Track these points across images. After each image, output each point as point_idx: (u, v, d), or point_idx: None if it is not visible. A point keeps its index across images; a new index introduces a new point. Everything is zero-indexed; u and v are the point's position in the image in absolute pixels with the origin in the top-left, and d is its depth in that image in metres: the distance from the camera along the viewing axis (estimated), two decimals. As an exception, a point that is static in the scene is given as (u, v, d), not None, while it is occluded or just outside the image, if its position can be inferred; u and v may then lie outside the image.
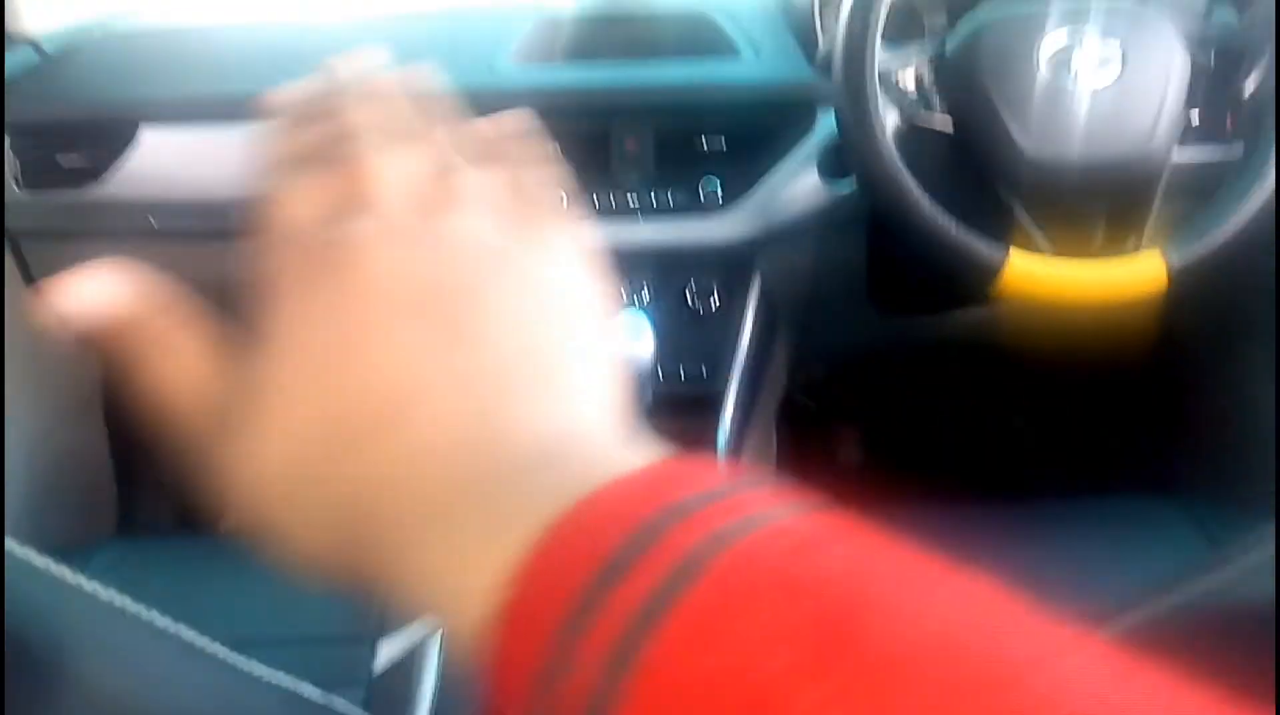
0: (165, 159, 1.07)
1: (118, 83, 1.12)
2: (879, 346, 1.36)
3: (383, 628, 0.88)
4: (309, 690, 0.58)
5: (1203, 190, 0.87)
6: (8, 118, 1.07)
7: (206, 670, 0.48)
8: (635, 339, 0.81)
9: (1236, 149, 0.88)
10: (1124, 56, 0.83)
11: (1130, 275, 0.83)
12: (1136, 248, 0.85)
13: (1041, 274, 0.82)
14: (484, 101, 1.05)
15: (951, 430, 1.70)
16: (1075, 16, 0.84)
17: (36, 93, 1.11)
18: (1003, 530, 0.99)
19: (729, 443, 1.07)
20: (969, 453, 1.67)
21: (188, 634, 0.48)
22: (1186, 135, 0.96)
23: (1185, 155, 0.93)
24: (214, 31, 1.22)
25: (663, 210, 1.06)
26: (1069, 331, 1.00)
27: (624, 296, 1.10)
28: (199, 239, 1.11)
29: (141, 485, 1.45)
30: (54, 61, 1.16)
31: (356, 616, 0.89)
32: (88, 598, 0.42)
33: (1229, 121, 0.90)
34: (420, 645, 0.86)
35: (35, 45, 1.18)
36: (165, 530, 1.47)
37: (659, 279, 1.11)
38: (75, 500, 1.31)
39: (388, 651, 0.86)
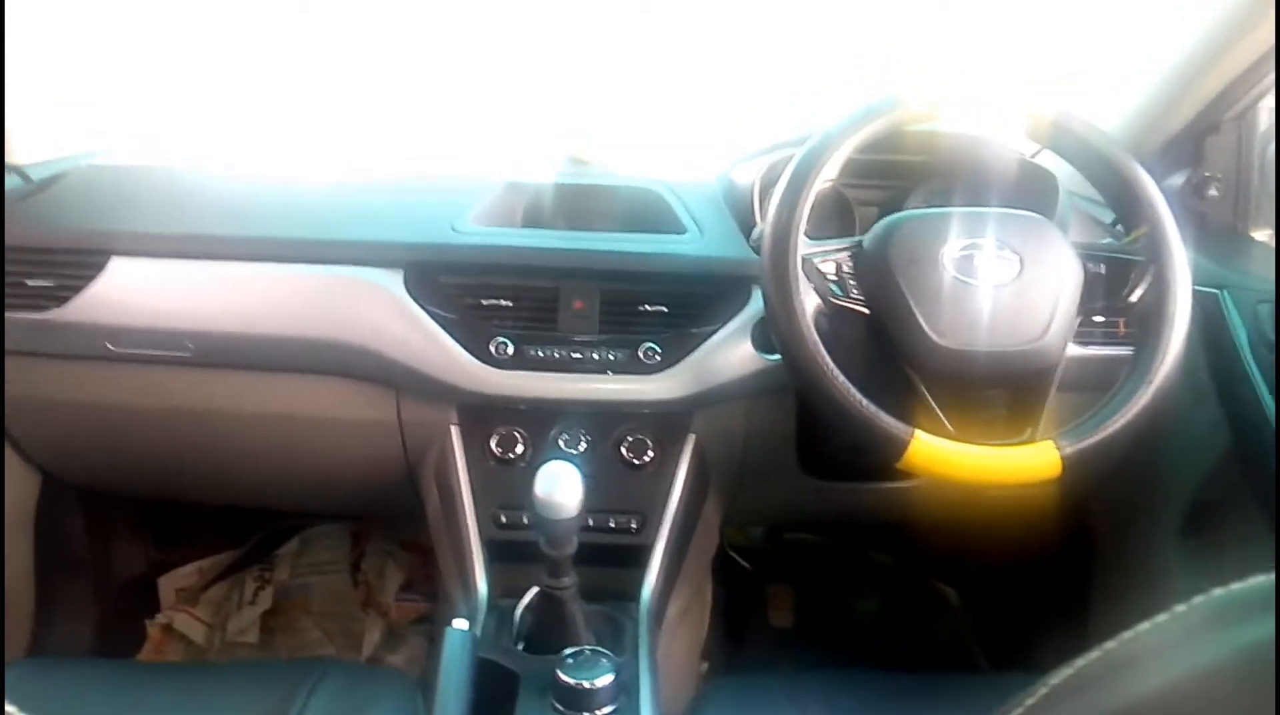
0: (129, 288, 1.12)
1: (94, 214, 1.18)
2: (809, 510, 1.40)
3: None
4: None
5: (1100, 382, 0.95)
6: None
7: None
8: (565, 488, 0.85)
9: (1127, 350, 0.96)
10: (1021, 260, 0.92)
11: (1025, 461, 0.88)
12: (1033, 435, 0.91)
13: (941, 454, 0.88)
14: (444, 256, 1.13)
15: (883, 600, 1.73)
16: (977, 222, 0.93)
17: (15, 217, 1.16)
18: (907, 702, 1.00)
19: (653, 595, 1.09)
20: (897, 619, 1.69)
21: None
22: (1085, 335, 1.04)
23: (1083, 352, 1.01)
24: (190, 174, 1.29)
25: (604, 367, 1.12)
26: (979, 509, 1.05)
27: (560, 446, 1.14)
28: (154, 365, 1.15)
29: (63, 605, 1.42)
30: (36, 189, 1.22)
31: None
32: None
33: (1121, 326, 0.99)
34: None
35: (21, 173, 1.24)
36: (79, 654, 1.42)
37: (596, 431, 1.15)
38: None
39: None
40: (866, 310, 0.94)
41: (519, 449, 1.14)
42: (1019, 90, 0.98)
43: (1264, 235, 1.22)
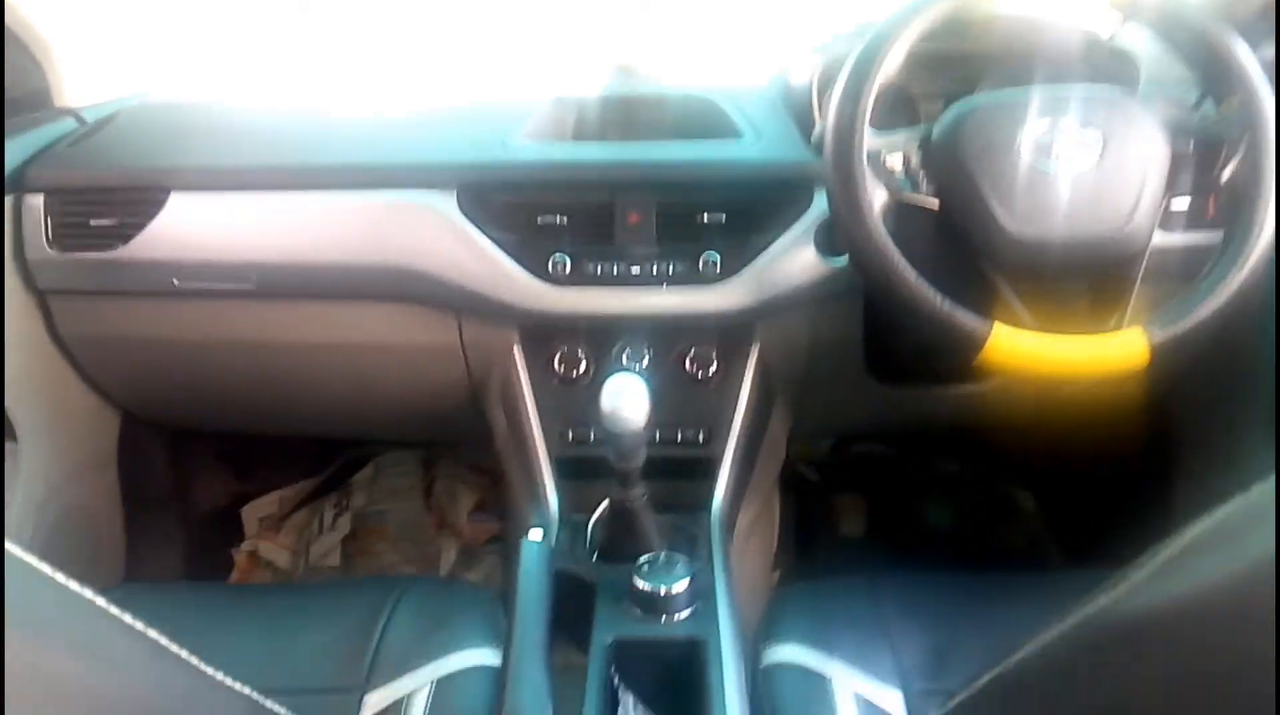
0: (190, 223, 1.12)
1: (151, 151, 1.18)
2: (877, 419, 1.38)
3: (370, 680, 0.89)
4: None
5: (1186, 272, 0.90)
6: (45, 183, 1.14)
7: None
8: (632, 399, 0.84)
9: (1217, 234, 0.91)
10: (1104, 143, 0.87)
11: (1112, 350, 0.85)
12: (1119, 325, 0.87)
13: (1024, 347, 0.84)
14: (496, 175, 1.11)
15: (955, 508, 1.71)
16: (1056, 105, 0.88)
17: (73, 159, 1.17)
18: (993, 602, 0.99)
19: (723, 506, 1.09)
20: (970, 525, 1.67)
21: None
22: (1171, 220, 0.99)
23: (1168, 239, 0.96)
24: (241, 108, 1.29)
25: (664, 280, 1.10)
26: (1054, 409, 1.01)
27: (623, 363, 1.13)
28: (219, 299, 1.16)
29: (151, 538, 1.48)
30: (92, 130, 1.23)
31: (346, 670, 0.90)
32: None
33: (1210, 207, 0.93)
34: (403, 699, 0.87)
35: (76, 115, 1.25)
36: (171, 581, 1.49)
37: (659, 346, 1.14)
38: (80, 554, 1.33)
39: (373, 704, 0.87)
40: (937, 203, 0.90)
41: (582, 367, 1.14)
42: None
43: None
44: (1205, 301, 0.85)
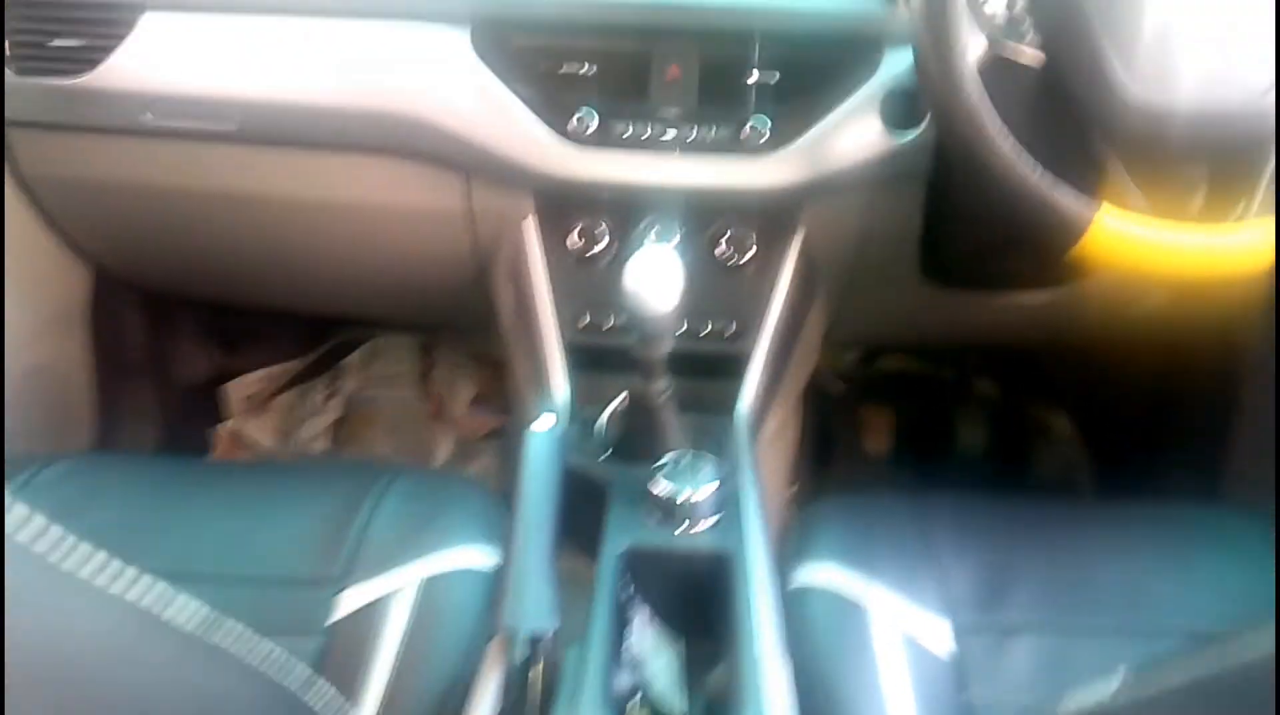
0: (165, 48, 0.98)
1: None
2: (923, 326, 1.25)
3: (349, 575, 0.79)
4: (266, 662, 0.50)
5: None
6: None
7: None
8: (662, 278, 0.71)
9: None
10: (1244, 2, 0.72)
11: (1237, 245, 0.72)
12: (1245, 215, 0.74)
13: (1134, 236, 0.71)
14: (517, 11, 0.94)
15: (987, 429, 1.60)
16: None
17: None
18: (1047, 532, 0.89)
19: (753, 407, 0.98)
20: (1002, 447, 1.56)
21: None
22: None
23: None
24: None
25: (702, 147, 0.96)
26: (1120, 327, 0.89)
27: (652, 238, 1.00)
28: (196, 140, 1.03)
29: (124, 407, 1.37)
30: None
31: (322, 561, 0.80)
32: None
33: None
34: (385, 598, 0.77)
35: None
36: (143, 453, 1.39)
37: (691, 223, 1.01)
38: (46, 418, 1.23)
39: (350, 601, 0.77)
40: (1041, 59, 0.75)
41: (603, 243, 1.01)
42: None
43: None
44: None
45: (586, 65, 0.96)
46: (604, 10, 0.96)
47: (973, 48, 0.74)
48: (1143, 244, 0.71)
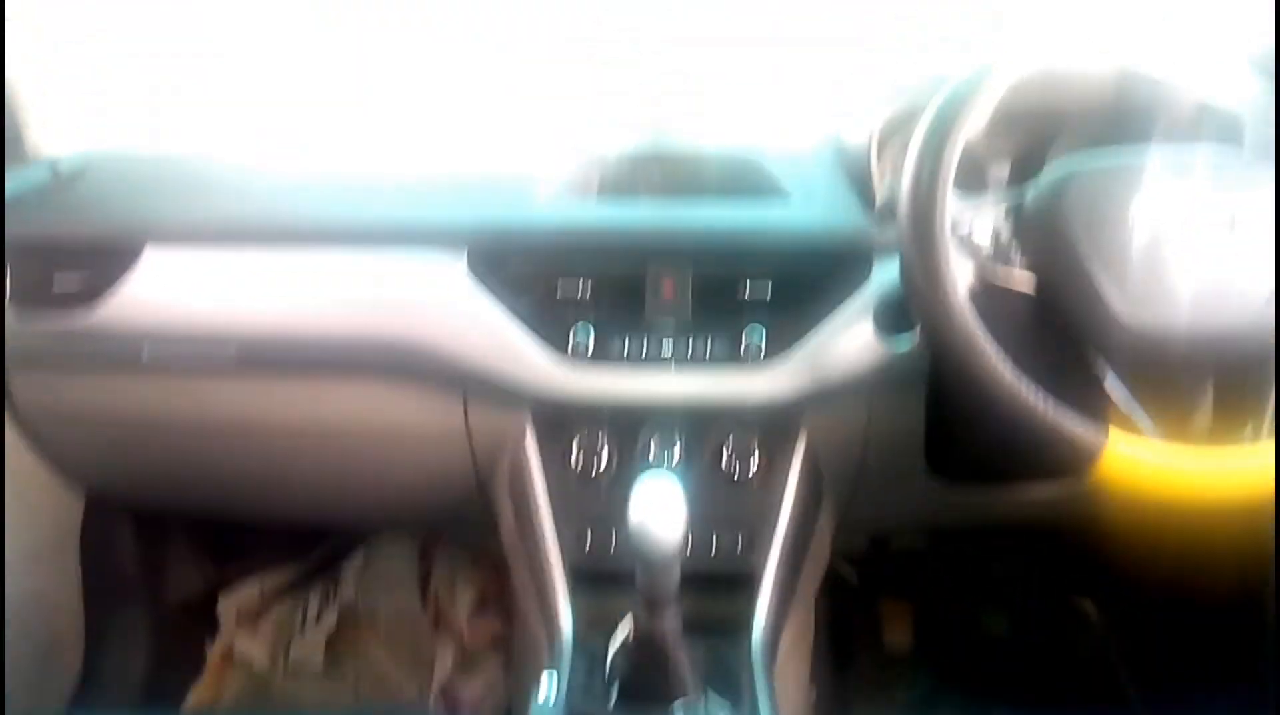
0: (166, 284, 0.99)
1: (126, 203, 1.06)
2: (936, 518, 1.22)
3: None
4: None
5: None
6: (9, 236, 1.01)
7: None
8: (663, 506, 0.69)
9: None
10: (1235, 216, 0.73)
11: (1251, 467, 0.69)
12: (1256, 435, 0.72)
13: (1147, 462, 0.69)
14: (513, 235, 0.96)
15: (1013, 617, 1.53)
16: (1178, 170, 0.74)
17: (42, 210, 1.05)
18: None
19: (766, 628, 0.93)
20: (1032, 644, 1.49)
21: None
22: None
23: None
24: (227, 160, 1.16)
25: (700, 361, 0.96)
26: (1150, 515, 0.85)
27: (653, 456, 0.98)
28: (196, 374, 1.03)
29: (114, 633, 1.32)
30: (65, 180, 1.11)
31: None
32: None
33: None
34: None
35: (51, 164, 1.13)
36: (130, 693, 1.32)
37: (693, 438, 0.99)
38: (36, 647, 1.18)
39: None
40: (1033, 284, 0.75)
41: (604, 459, 0.99)
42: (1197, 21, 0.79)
43: None
44: None
45: (582, 286, 0.97)
46: (599, 234, 0.98)
47: (963, 276, 0.74)
48: (1156, 469, 0.69)
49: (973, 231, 0.76)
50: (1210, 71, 0.83)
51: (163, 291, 0.99)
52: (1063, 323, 0.74)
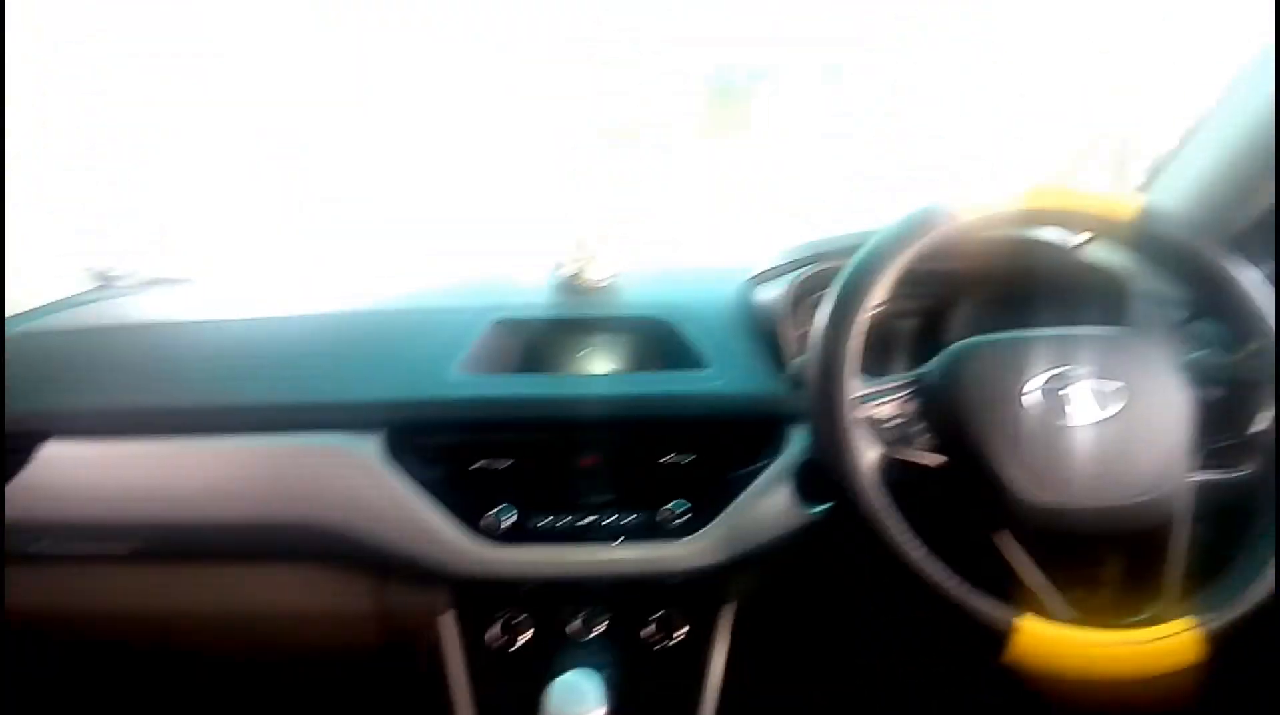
0: (67, 476, 0.96)
1: (28, 389, 1.02)
2: (874, 685, 1.20)
3: None
4: None
5: (1223, 513, 0.77)
6: None
7: None
8: (584, 706, 0.67)
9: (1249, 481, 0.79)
10: (1122, 391, 0.76)
11: (1158, 647, 0.70)
12: (1163, 612, 0.73)
13: (1058, 646, 0.70)
14: (428, 413, 0.94)
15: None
16: (1065, 346, 0.77)
17: None
18: None
19: None
20: None
21: None
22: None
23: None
24: (135, 333, 1.12)
25: (622, 533, 0.95)
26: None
27: (576, 635, 0.96)
28: (91, 564, 0.98)
29: None
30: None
31: None
32: None
33: (1239, 457, 0.81)
34: None
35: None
36: None
37: (617, 610, 0.97)
38: None
39: None
40: (939, 460, 0.77)
41: (526, 636, 0.96)
42: (1086, 187, 0.83)
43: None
44: (1258, 578, 0.72)
45: (501, 461, 0.96)
46: (515, 406, 0.98)
47: (870, 453, 0.75)
48: (1067, 649, 0.70)
49: (877, 411, 0.78)
50: (1101, 241, 0.88)
51: (63, 483, 0.96)
52: (970, 500, 0.76)
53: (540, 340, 1.09)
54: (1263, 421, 0.78)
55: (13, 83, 1.19)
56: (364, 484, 0.94)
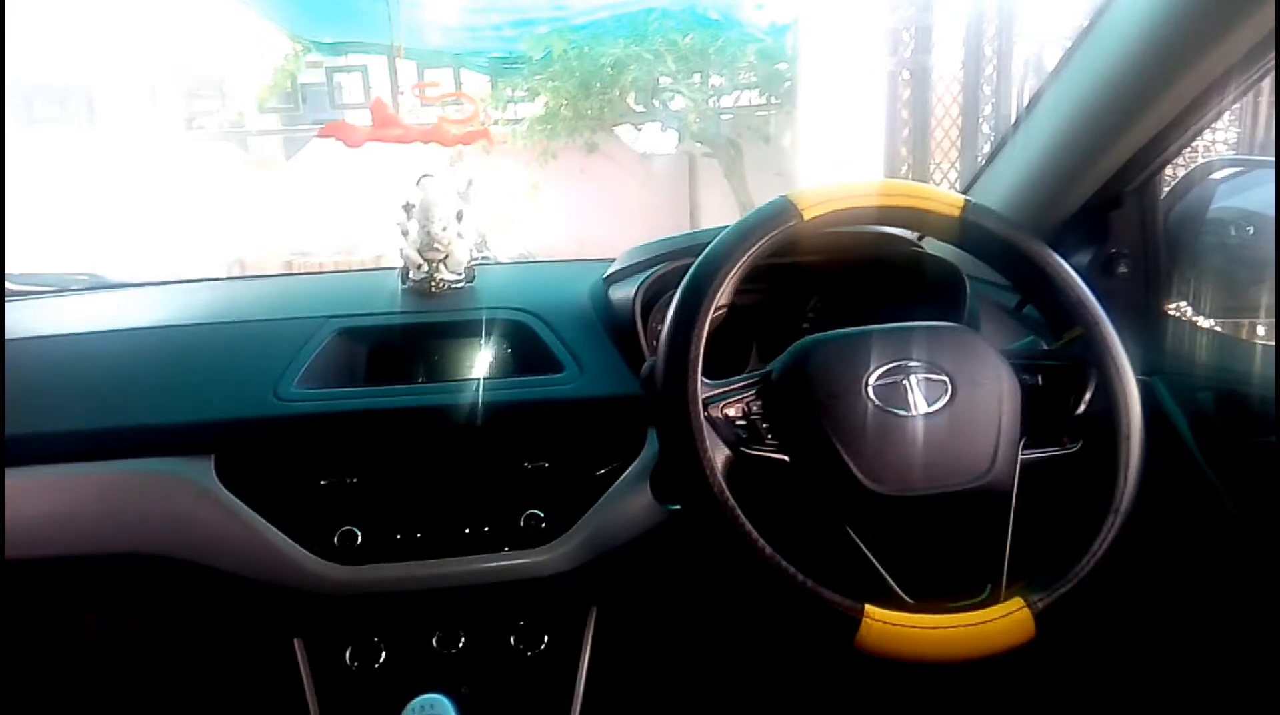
0: None
1: None
2: (735, 679, 1.22)
3: None
4: None
5: (1054, 495, 0.81)
6: None
7: None
8: None
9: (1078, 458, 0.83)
10: (951, 382, 0.79)
11: (993, 626, 0.73)
12: (996, 591, 0.76)
13: (902, 631, 0.72)
14: (264, 433, 0.88)
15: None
16: (898, 341, 0.80)
17: None
18: None
19: None
20: None
21: None
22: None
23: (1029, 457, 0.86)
24: None
25: (479, 543, 0.92)
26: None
27: (436, 652, 0.93)
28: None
29: None
30: None
31: None
32: None
33: (1065, 440, 0.85)
34: None
35: None
36: None
37: (476, 623, 0.95)
38: None
39: None
40: (786, 457, 0.78)
41: (382, 657, 0.93)
42: (916, 184, 0.86)
43: (1179, 311, 1.13)
44: (1085, 557, 0.76)
45: (346, 478, 0.92)
46: (360, 421, 0.94)
47: (719, 453, 0.75)
48: (911, 635, 0.72)
49: (726, 411, 0.78)
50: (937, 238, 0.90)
51: None
52: (817, 494, 0.77)
53: (388, 348, 1.05)
54: (1087, 401, 0.82)
55: None
56: (196, 510, 0.88)
